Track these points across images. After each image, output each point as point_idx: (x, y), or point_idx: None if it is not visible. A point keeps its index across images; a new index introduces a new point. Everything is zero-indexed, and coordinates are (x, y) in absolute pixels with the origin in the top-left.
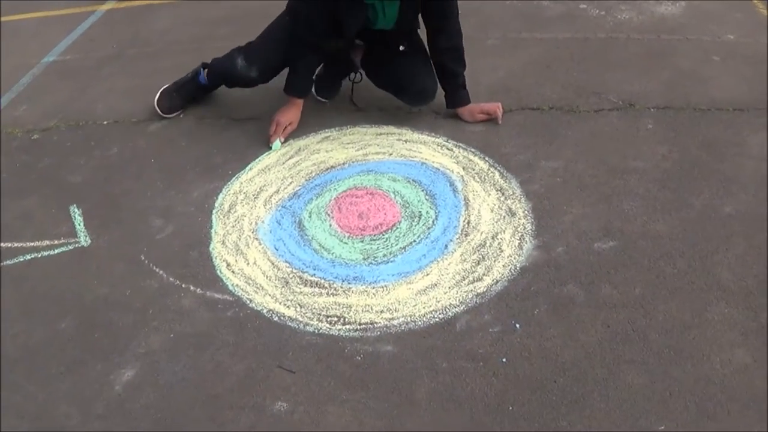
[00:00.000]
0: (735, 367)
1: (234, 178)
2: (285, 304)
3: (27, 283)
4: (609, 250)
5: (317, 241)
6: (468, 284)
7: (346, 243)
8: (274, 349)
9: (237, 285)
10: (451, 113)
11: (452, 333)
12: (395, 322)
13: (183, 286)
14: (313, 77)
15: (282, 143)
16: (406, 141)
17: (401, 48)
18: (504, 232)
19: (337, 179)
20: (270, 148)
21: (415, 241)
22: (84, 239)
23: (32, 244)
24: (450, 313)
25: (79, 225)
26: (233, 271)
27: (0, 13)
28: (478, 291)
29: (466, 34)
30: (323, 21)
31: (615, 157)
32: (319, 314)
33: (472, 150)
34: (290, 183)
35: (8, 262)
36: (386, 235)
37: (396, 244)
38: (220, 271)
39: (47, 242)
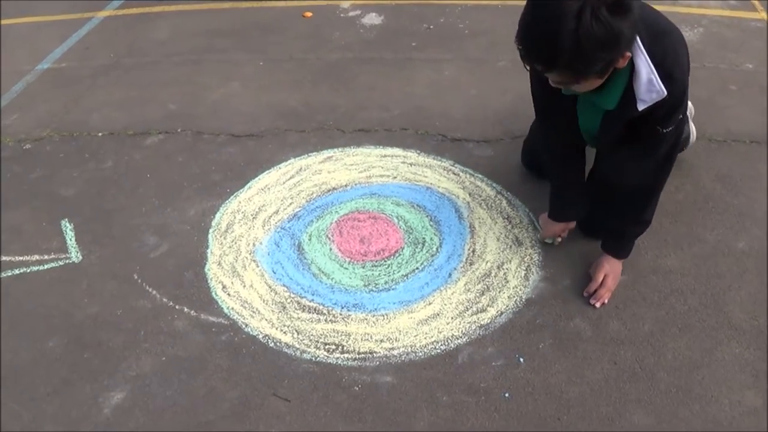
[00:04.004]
0: (744, 409)
1: (232, 196)
2: (282, 330)
3: (14, 299)
4: (618, 284)
5: (317, 265)
6: (471, 315)
7: (346, 268)
8: (269, 376)
9: (232, 308)
10: (460, 136)
11: (454, 365)
12: (395, 352)
13: (176, 307)
14: (576, 195)
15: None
16: (411, 164)
17: None
18: (510, 262)
19: (338, 202)
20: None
21: (418, 268)
22: (75, 255)
23: (21, 258)
24: (452, 345)
25: (71, 240)
26: (229, 294)
27: None
28: (482, 322)
29: (476, 56)
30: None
31: None
32: (317, 341)
33: (479, 176)
34: (290, 204)
35: None
36: (388, 262)
37: (398, 271)
38: (216, 293)
39: (37, 257)
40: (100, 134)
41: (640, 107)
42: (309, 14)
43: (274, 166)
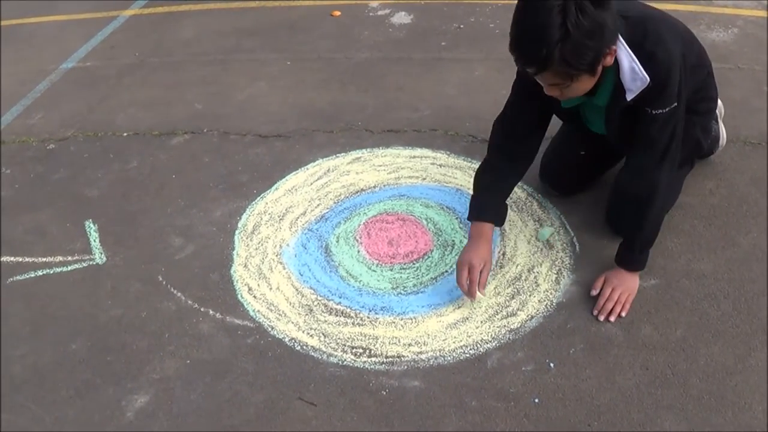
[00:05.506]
0: None
1: (259, 197)
2: (308, 333)
3: (37, 301)
4: (650, 289)
5: (344, 267)
6: (501, 319)
7: (374, 271)
8: (295, 380)
9: (258, 311)
10: None
11: (483, 370)
12: (423, 357)
13: (202, 309)
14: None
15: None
16: (440, 165)
17: None
18: (541, 265)
19: (367, 203)
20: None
21: (447, 271)
22: (99, 256)
23: (44, 259)
24: (481, 349)
25: (95, 241)
26: (255, 296)
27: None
28: (512, 327)
29: (507, 56)
30: (528, 114)
31: None
32: (344, 345)
33: None
34: (318, 205)
35: (18, 277)
36: (417, 264)
37: (427, 274)
38: (241, 296)
39: (60, 258)
40: (125, 134)
41: (629, 97)
42: (337, 13)
43: (302, 166)
